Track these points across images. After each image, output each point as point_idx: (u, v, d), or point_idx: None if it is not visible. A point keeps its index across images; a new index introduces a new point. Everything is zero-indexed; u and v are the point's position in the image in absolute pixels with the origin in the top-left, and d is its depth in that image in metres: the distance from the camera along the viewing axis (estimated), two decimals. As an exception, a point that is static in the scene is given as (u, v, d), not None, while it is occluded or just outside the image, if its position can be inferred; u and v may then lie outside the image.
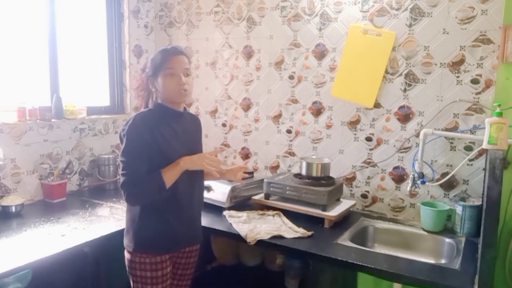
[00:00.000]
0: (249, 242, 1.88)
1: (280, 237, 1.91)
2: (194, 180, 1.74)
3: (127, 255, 1.69)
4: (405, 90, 2.24)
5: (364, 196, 2.41)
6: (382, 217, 2.28)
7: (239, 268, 2.44)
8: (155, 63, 1.65)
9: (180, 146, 1.67)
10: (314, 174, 2.22)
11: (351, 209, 2.28)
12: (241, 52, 2.74)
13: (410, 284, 1.60)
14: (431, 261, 1.95)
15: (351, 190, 2.45)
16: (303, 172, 2.26)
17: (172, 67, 1.62)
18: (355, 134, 2.40)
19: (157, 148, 1.59)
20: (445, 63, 2.13)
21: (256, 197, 2.33)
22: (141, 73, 1.71)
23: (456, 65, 2.10)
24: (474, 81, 2.07)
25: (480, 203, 2.00)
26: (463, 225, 2.02)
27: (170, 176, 1.57)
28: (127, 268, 1.69)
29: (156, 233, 1.65)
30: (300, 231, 1.96)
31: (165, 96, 1.66)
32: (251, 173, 2.57)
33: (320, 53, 2.45)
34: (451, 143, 2.16)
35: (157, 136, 1.60)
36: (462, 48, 2.08)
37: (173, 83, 1.62)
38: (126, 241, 1.69)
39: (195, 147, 1.77)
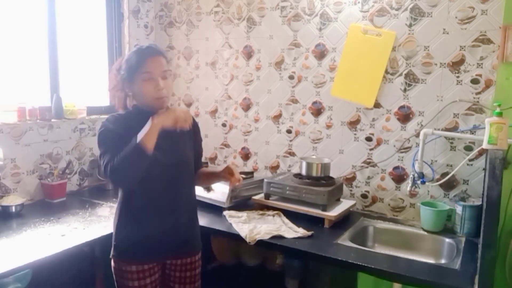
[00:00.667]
0: (249, 242, 1.88)
1: (280, 237, 1.91)
2: (176, 186, 1.60)
3: (112, 264, 1.64)
4: (405, 90, 2.24)
5: (364, 196, 2.41)
6: (382, 217, 2.28)
7: (239, 268, 2.44)
8: (129, 65, 1.51)
9: (161, 150, 1.51)
10: (314, 174, 2.22)
11: (351, 209, 2.28)
12: (241, 52, 2.74)
13: (410, 284, 1.60)
14: (431, 261, 1.95)
15: (351, 190, 2.45)
16: (303, 172, 2.26)
17: (148, 71, 1.48)
18: (355, 134, 2.40)
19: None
20: (445, 63, 2.13)
21: (256, 197, 2.33)
22: (116, 74, 1.57)
23: (456, 65, 2.10)
24: (474, 81, 2.07)
25: (480, 203, 2.00)
26: (463, 225, 2.02)
27: (147, 138, 1.39)
28: (113, 274, 1.65)
29: (132, 240, 1.58)
30: (300, 231, 1.96)
31: (142, 102, 1.54)
32: (251, 173, 2.57)
33: (320, 53, 2.45)
34: (451, 143, 2.16)
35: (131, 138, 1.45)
36: (462, 48, 2.08)
37: (151, 88, 1.49)
38: (112, 250, 1.64)
39: (182, 148, 1.64)
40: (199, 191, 1.86)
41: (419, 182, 2.12)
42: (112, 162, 1.40)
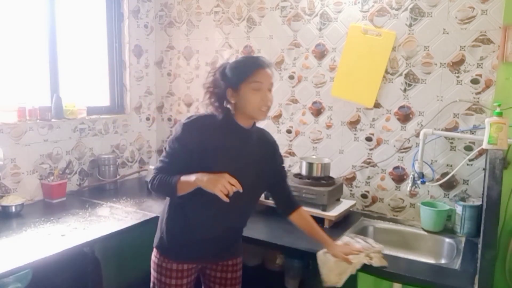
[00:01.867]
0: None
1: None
2: (234, 200, 1.45)
3: (154, 253, 1.65)
4: (405, 90, 2.24)
5: (364, 196, 2.41)
6: (382, 217, 2.28)
7: (239, 268, 2.44)
8: (238, 72, 1.48)
9: (229, 163, 1.49)
10: (314, 174, 2.22)
11: (351, 209, 2.28)
12: (241, 52, 2.73)
13: (410, 284, 1.60)
14: (431, 261, 1.95)
15: (351, 190, 2.45)
16: (303, 172, 2.26)
17: (259, 81, 1.46)
18: (355, 134, 2.40)
19: (201, 158, 1.48)
20: (445, 63, 2.13)
21: (256, 197, 2.32)
22: (219, 78, 1.52)
23: (456, 65, 2.10)
24: (474, 81, 2.07)
25: (480, 203, 2.00)
26: (463, 225, 2.02)
27: (184, 187, 1.47)
28: (151, 263, 1.66)
29: (178, 240, 1.59)
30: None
31: (244, 110, 1.50)
32: None
33: (320, 53, 2.45)
34: (451, 143, 2.16)
35: (207, 147, 1.48)
36: (462, 48, 2.08)
37: (258, 98, 1.46)
38: (156, 240, 1.65)
39: (249, 170, 1.55)
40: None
41: (419, 182, 2.12)
42: (155, 175, 1.53)
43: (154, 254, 1.65)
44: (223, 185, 1.39)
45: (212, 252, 1.64)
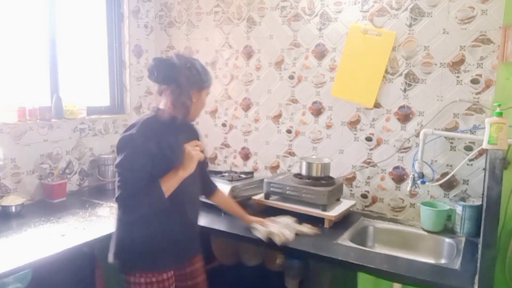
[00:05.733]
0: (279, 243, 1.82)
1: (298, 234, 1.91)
2: (195, 182, 1.68)
3: (124, 277, 1.58)
4: (405, 90, 2.24)
5: (364, 196, 2.41)
6: (382, 217, 2.28)
7: (239, 268, 2.44)
8: (202, 79, 1.63)
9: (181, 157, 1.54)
10: (314, 174, 2.22)
11: (351, 209, 2.28)
12: (241, 52, 2.74)
13: (410, 284, 1.60)
14: (431, 261, 1.95)
15: (351, 190, 2.45)
16: (303, 172, 2.26)
17: (209, 92, 1.73)
18: (355, 134, 2.40)
19: (163, 159, 1.51)
20: (445, 63, 2.13)
21: (256, 197, 2.33)
22: (187, 72, 1.58)
23: (456, 65, 2.10)
24: (474, 81, 2.07)
25: (480, 203, 2.00)
26: (463, 225, 2.02)
27: (169, 186, 1.49)
28: None
29: (157, 246, 1.56)
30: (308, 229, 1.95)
31: (194, 111, 1.66)
32: (251, 173, 2.56)
33: (320, 53, 2.45)
34: (451, 143, 2.16)
35: (164, 146, 1.51)
36: (462, 48, 2.08)
37: (203, 104, 1.72)
38: (117, 260, 1.60)
39: None
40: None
41: (419, 182, 2.12)
42: (126, 199, 1.47)
43: (125, 278, 1.58)
44: (193, 148, 1.54)
45: (191, 248, 1.69)
